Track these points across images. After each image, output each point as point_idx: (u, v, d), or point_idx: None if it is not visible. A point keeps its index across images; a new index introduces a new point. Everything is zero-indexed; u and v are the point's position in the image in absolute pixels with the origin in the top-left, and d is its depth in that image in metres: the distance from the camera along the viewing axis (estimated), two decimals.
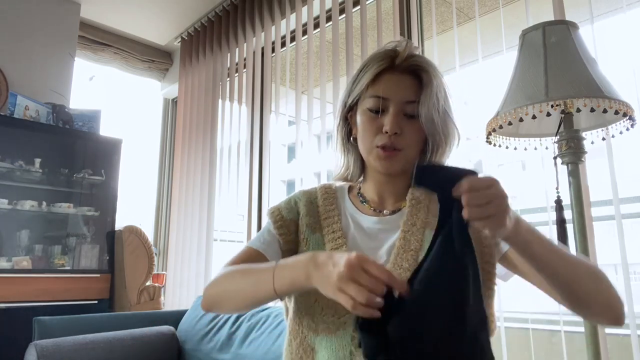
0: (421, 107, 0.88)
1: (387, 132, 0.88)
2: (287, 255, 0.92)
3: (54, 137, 2.96)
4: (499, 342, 1.67)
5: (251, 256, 0.93)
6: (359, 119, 0.95)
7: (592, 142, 1.22)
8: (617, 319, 0.76)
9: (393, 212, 0.95)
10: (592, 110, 1.05)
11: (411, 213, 0.91)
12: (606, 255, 1.57)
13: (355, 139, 0.98)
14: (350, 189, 1.03)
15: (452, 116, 0.93)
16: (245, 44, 3.01)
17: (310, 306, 0.85)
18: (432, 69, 0.91)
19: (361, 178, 1.03)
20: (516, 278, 0.92)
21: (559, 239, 1.14)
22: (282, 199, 1.03)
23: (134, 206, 3.78)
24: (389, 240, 0.90)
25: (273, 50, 2.93)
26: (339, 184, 1.05)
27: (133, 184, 3.74)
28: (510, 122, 1.12)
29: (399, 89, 0.90)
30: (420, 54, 0.96)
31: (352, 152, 1.00)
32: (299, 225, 0.96)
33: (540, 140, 1.29)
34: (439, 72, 0.93)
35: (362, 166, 1.00)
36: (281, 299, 0.90)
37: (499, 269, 0.91)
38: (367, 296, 0.62)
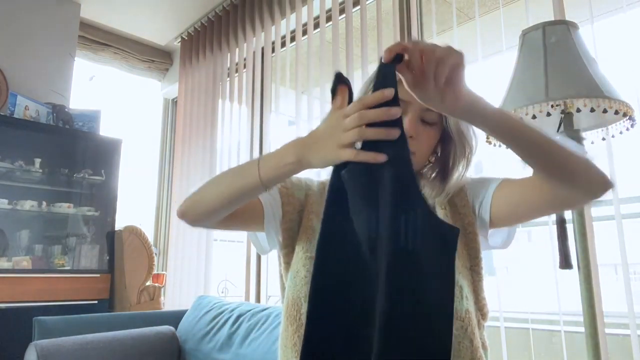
0: (450, 119, 0.86)
1: None
2: (286, 236, 0.91)
3: (54, 137, 2.96)
4: (499, 342, 1.67)
5: (254, 202, 0.89)
6: None
7: (592, 142, 1.21)
8: (605, 183, 0.71)
9: None
10: (592, 110, 1.05)
11: None
12: (606, 255, 1.57)
13: None
14: None
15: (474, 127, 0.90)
16: (245, 44, 3.01)
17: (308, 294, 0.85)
18: None
19: None
20: (518, 279, 0.92)
21: (559, 239, 1.14)
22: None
23: (134, 206, 3.78)
24: None
25: (273, 50, 2.93)
26: None
27: (133, 184, 3.74)
28: None
29: None
30: None
31: None
32: (305, 207, 0.93)
33: None
34: None
35: None
36: (266, 189, 0.79)
37: (495, 237, 0.91)
38: (386, 132, 0.63)
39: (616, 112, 1.07)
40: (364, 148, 0.66)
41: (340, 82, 0.70)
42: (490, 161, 1.91)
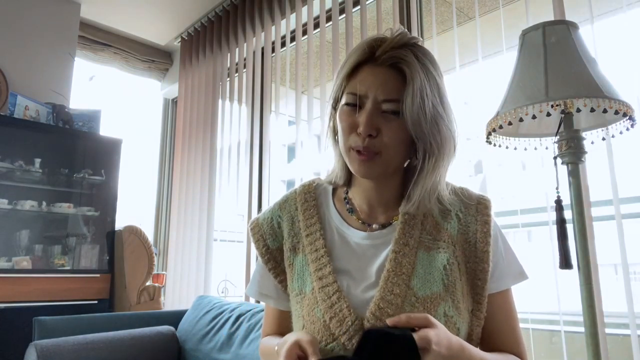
0: (405, 107, 0.77)
1: (360, 134, 0.79)
2: (285, 286, 0.92)
3: (54, 137, 2.96)
4: None
5: (275, 316, 0.97)
6: (337, 116, 0.84)
7: (592, 142, 1.21)
8: None
9: (383, 226, 0.87)
10: (592, 110, 1.05)
11: (404, 230, 0.83)
12: (606, 255, 1.57)
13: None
14: (335, 190, 0.96)
15: (445, 119, 0.80)
16: (245, 44, 3.02)
17: None
18: (417, 62, 0.78)
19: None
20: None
21: (559, 239, 1.14)
22: (264, 212, 0.98)
23: (134, 206, 3.78)
24: (378, 258, 0.84)
25: (273, 50, 2.93)
26: (322, 181, 0.98)
27: (133, 184, 3.74)
28: (510, 122, 1.12)
29: (377, 84, 0.79)
30: (420, 44, 0.83)
31: (337, 152, 0.89)
32: (283, 251, 0.91)
33: (540, 140, 1.29)
34: (433, 67, 0.81)
35: (348, 168, 0.87)
36: None
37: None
38: None
39: (616, 112, 1.06)
40: None
41: None
42: (490, 161, 1.91)
